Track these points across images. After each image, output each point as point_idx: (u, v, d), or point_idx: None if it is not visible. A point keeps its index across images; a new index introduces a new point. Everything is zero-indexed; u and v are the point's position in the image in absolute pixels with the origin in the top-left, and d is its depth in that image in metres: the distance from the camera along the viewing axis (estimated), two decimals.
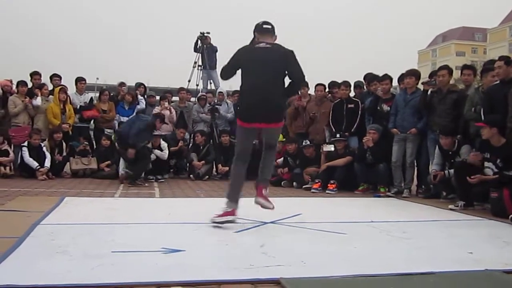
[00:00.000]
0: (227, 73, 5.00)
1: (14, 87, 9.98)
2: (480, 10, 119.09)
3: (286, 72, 4.75)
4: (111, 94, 11.08)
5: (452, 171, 6.62)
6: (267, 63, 4.69)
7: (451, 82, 7.71)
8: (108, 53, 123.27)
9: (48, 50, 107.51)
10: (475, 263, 3.41)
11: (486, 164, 6.07)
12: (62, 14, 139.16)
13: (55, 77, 10.59)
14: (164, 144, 9.51)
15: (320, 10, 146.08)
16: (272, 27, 4.90)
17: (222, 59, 13.27)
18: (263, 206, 4.87)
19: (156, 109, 10.48)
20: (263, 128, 4.84)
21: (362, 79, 9.54)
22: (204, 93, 11.55)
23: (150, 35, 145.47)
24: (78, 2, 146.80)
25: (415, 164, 7.94)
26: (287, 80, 4.83)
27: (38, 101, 9.72)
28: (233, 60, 4.90)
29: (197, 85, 12.97)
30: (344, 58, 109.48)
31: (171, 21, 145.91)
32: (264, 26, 4.89)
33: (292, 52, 4.78)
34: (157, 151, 9.31)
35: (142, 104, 10.86)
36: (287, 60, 4.75)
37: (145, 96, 11.56)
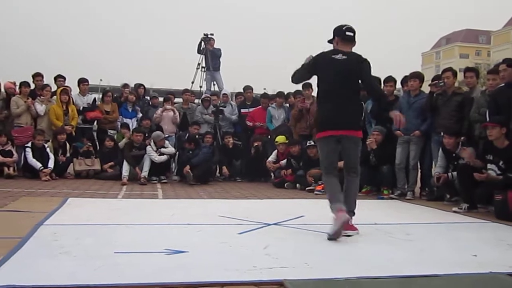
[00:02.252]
0: (302, 76, 4.94)
1: (17, 89, 9.99)
2: (484, 12, 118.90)
3: (360, 78, 4.74)
4: (114, 96, 11.09)
5: (455, 173, 6.60)
6: (344, 74, 4.63)
7: (456, 84, 7.69)
8: (112, 55, 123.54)
9: (52, 51, 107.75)
10: (479, 266, 3.39)
11: (489, 166, 6.06)
12: (66, 15, 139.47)
13: (59, 78, 10.60)
14: (167, 143, 9.54)
15: (323, 11, 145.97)
16: (354, 34, 4.79)
17: (226, 60, 13.33)
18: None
19: (159, 111, 10.50)
20: (343, 137, 4.63)
21: None
22: (208, 95, 11.54)
23: (154, 36, 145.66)
24: (81, 3, 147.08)
25: (419, 166, 7.92)
26: None
27: (42, 109, 9.74)
28: (310, 66, 4.80)
29: (201, 86, 12.96)
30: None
31: (174, 23, 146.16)
32: (347, 33, 4.75)
33: (366, 61, 4.76)
34: (163, 150, 9.34)
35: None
36: (361, 70, 4.71)
37: (149, 97, 11.60)
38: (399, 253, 3.83)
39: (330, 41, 4.86)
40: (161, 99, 11.67)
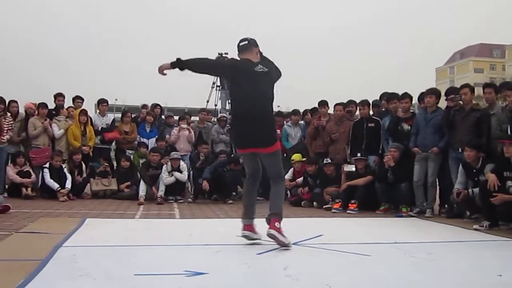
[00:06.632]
0: (207, 69, 5.10)
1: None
2: (498, 26, 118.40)
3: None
4: (133, 116, 11.19)
5: (476, 190, 6.50)
6: (265, 88, 4.81)
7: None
8: (126, 74, 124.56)
9: (69, 74, 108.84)
10: (505, 286, 3.32)
11: (510, 183, 5.97)
12: (79, 38, 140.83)
13: (77, 99, 10.71)
14: (183, 165, 9.53)
15: (335, 26, 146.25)
16: (249, 41, 4.93)
17: None
18: (276, 241, 4.58)
19: (175, 130, 10.54)
20: (261, 154, 4.88)
21: (378, 98, 9.53)
22: (225, 115, 11.56)
23: (168, 55, 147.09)
24: (93, 22, 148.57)
25: (437, 183, 7.83)
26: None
27: (60, 133, 9.88)
28: (226, 67, 5.12)
29: (216, 105, 13.04)
30: (360, 75, 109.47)
31: (189, 43, 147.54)
32: (241, 43, 4.92)
33: (273, 63, 5.00)
34: (176, 173, 9.33)
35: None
36: (275, 74, 5.00)
37: (164, 117, 11.67)
38: (421, 273, 3.77)
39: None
40: (176, 117, 11.72)
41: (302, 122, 10.61)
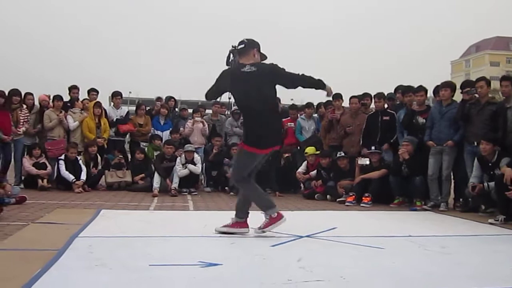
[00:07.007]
0: (213, 94, 5.14)
1: (51, 102, 10.18)
2: None
3: (281, 84, 4.90)
4: (147, 108, 11.24)
5: (492, 184, 6.45)
6: (257, 86, 4.74)
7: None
8: (140, 67, 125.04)
9: (84, 66, 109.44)
10: None
11: None
12: (85, 36, 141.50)
13: (92, 92, 10.81)
14: (197, 157, 9.57)
15: (348, 21, 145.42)
16: (246, 44, 4.90)
17: None
18: None
19: (189, 123, 10.57)
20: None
21: (392, 91, 9.47)
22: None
23: (181, 48, 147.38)
24: (98, 20, 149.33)
25: (452, 177, 7.78)
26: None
27: (74, 125, 9.97)
28: (218, 84, 4.96)
29: (229, 98, 12.97)
30: (375, 68, 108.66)
31: (200, 36, 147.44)
32: (239, 47, 4.91)
33: (274, 65, 4.87)
34: (190, 166, 9.36)
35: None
36: (275, 76, 4.84)
37: (178, 110, 11.69)
38: (435, 267, 3.77)
39: (234, 47, 4.94)
40: (190, 110, 11.75)
41: (316, 115, 10.58)
